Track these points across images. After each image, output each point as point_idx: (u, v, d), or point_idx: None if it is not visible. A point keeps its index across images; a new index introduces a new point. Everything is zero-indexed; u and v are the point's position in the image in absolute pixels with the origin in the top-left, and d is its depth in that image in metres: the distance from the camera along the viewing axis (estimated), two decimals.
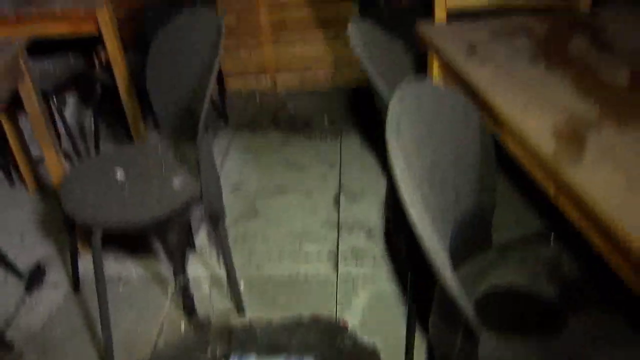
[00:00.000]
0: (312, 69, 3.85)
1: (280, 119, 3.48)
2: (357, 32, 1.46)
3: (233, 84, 3.88)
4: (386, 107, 1.10)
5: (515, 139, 1.27)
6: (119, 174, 1.95)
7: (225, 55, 3.77)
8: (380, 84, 1.35)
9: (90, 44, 3.10)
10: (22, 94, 2.18)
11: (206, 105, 1.74)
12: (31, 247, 2.53)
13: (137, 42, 3.12)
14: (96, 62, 3.36)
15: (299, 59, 3.83)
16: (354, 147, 3.11)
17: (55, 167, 2.29)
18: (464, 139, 1.32)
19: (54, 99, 2.98)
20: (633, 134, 1.19)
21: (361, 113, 3.46)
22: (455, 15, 2.40)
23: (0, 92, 1.98)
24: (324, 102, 3.64)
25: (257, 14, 3.71)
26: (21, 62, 2.11)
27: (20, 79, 2.12)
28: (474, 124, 1.35)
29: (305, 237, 2.48)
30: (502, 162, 1.39)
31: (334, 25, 3.74)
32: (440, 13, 2.39)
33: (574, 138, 1.19)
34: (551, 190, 1.16)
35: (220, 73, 3.61)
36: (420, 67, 1.91)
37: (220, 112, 3.53)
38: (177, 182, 1.89)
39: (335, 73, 3.83)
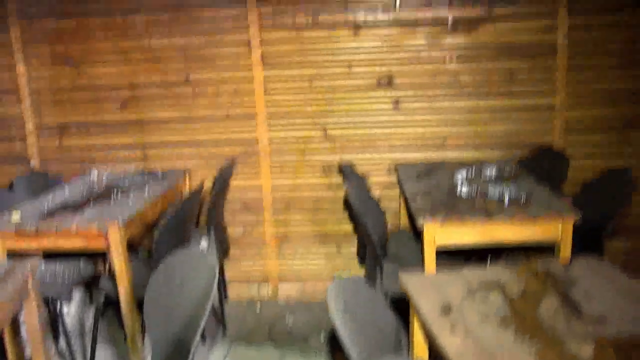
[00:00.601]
0: (312, 281, 3.98)
1: (277, 333, 3.52)
2: (336, 294, 1.57)
3: (235, 292, 4.00)
4: None
5: None
6: None
7: (229, 264, 3.93)
8: (352, 353, 1.42)
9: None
10: (25, 310, 2.27)
11: (195, 344, 1.82)
12: None
13: (148, 254, 3.30)
14: (104, 266, 3.52)
15: (300, 272, 3.99)
16: None
17: None
18: None
19: (59, 301, 3.08)
20: None
21: None
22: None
23: (6, 316, 2.08)
24: (321, 315, 3.70)
25: (262, 227, 3.94)
26: (30, 282, 2.24)
27: (26, 298, 2.23)
28: None
29: None
30: None
31: (334, 241, 3.93)
32: (429, 258, 2.57)
33: None
34: None
35: (222, 280, 3.74)
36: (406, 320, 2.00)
37: (219, 321, 3.59)
38: None
39: None
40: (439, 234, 2.58)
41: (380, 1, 3.61)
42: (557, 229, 2.59)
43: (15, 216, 2.91)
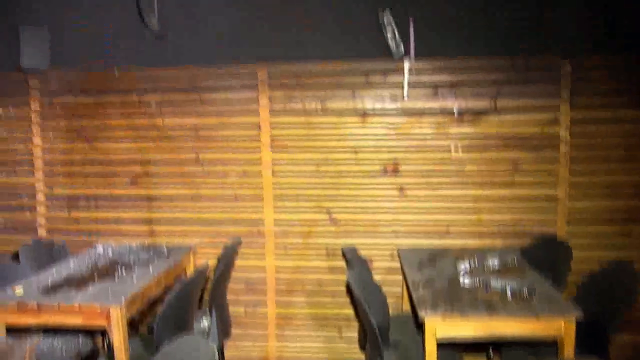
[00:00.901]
0: None
1: None
2: None
3: None
4: None
5: None
6: None
7: (230, 343, 3.89)
8: None
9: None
10: None
11: None
12: None
13: (149, 330, 3.28)
14: (103, 342, 3.49)
15: (300, 354, 3.94)
16: None
17: None
18: None
19: None
20: None
21: None
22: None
23: None
24: None
25: (264, 308, 3.92)
26: None
27: None
28: None
29: None
30: None
31: (336, 325, 3.92)
32: (430, 352, 2.55)
33: None
34: None
35: (222, 358, 3.69)
36: None
37: None
38: None
39: None
40: (440, 327, 2.57)
41: (388, 90, 3.73)
42: (559, 327, 2.57)
43: (19, 290, 2.93)
